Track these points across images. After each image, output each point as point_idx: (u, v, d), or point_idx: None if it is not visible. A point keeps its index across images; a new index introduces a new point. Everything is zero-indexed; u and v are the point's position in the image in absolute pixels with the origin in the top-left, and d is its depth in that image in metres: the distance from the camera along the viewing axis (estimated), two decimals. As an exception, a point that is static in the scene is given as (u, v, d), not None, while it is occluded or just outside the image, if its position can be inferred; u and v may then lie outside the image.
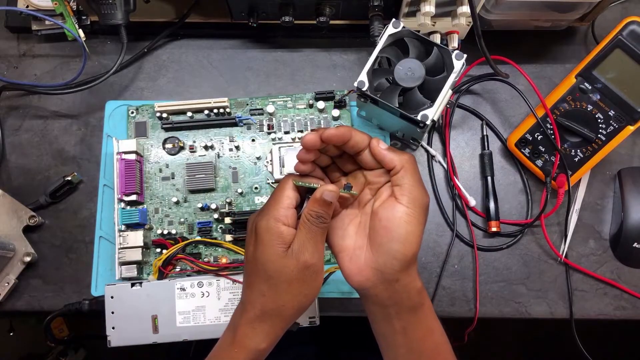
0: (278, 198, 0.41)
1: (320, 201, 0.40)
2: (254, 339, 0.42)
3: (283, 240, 0.40)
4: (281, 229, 0.40)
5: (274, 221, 0.40)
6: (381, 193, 0.43)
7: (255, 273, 0.41)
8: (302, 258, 0.40)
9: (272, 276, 0.40)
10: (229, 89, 0.65)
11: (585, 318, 0.60)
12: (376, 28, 0.58)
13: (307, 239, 0.40)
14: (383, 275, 0.40)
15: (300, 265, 0.40)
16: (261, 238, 0.40)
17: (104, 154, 0.62)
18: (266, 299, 0.41)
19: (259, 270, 0.41)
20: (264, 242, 0.40)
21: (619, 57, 0.56)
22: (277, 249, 0.40)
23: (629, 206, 0.60)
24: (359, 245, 0.42)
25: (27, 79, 0.65)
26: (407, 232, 0.40)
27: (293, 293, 0.41)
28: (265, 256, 0.40)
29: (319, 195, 0.40)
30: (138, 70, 0.66)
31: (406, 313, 0.42)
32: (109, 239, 0.59)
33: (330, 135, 0.40)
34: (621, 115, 0.57)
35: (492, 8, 0.58)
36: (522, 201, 0.62)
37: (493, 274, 0.61)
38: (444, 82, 0.52)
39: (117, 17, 0.58)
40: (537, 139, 0.60)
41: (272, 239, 0.40)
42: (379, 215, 0.41)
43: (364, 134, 0.42)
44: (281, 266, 0.40)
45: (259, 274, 0.41)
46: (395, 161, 0.41)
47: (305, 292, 0.41)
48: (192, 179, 0.59)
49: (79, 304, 0.57)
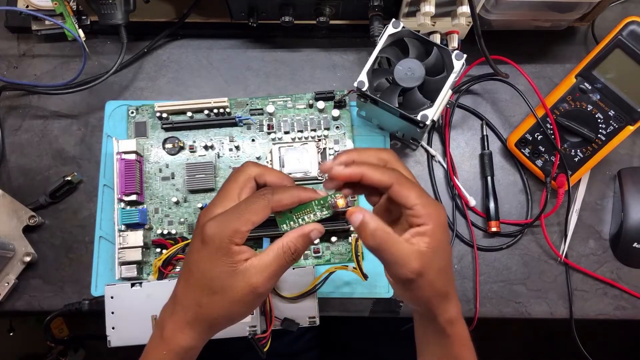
0: (241, 218, 0.38)
1: (307, 238, 0.39)
2: (181, 339, 0.40)
3: (232, 259, 0.38)
4: (233, 249, 0.38)
5: (226, 242, 0.37)
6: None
7: (196, 281, 0.39)
8: (254, 282, 0.38)
9: (215, 292, 0.38)
10: (229, 89, 0.65)
11: (585, 318, 0.60)
12: (376, 28, 0.58)
13: (270, 267, 0.38)
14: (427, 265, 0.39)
15: (249, 288, 0.38)
16: (209, 250, 0.38)
17: (104, 154, 0.62)
18: (202, 310, 0.39)
19: (202, 281, 0.39)
20: (212, 256, 0.38)
21: (619, 57, 0.56)
22: (226, 266, 0.38)
23: (629, 206, 0.60)
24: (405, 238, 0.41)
25: (27, 79, 0.65)
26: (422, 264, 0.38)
27: (231, 311, 0.39)
28: (211, 271, 0.38)
29: (307, 232, 0.39)
30: (138, 70, 0.66)
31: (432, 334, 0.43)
32: (109, 239, 0.59)
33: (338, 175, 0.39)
34: (621, 115, 0.57)
35: (492, 8, 0.58)
36: (522, 201, 0.62)
37: (493, 274, 0.61)
38: (443, 82, 0.52)
39: (117, 17, 0.58)
40: (537, 139, 0.60)
41: (221, 256, 0.38)
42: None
43: (384, 173, 0.39)
44: (227, 285, 0.38)
45: (200, 284, 0.39)
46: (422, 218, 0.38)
47: (242, 312, 0.40)
48: (192, 179, 0.59)
49: (79, 304, 0.57)
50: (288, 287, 0.55)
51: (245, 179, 0.41)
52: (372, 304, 0.59)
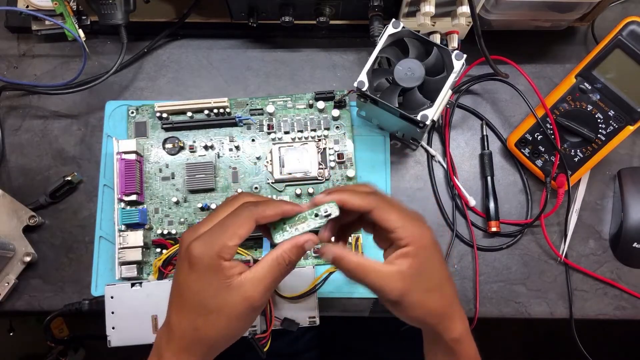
0: (227, 233, 0.37)
1: (301, 249, 0.39)
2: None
3: (225, 275, 0.37)
4: (223, 264, 0.37)
5: (215, 259, 0.36)
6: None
7: (189, 304, 0.38)
8: (250, 295, 0.37)
9: (210, 311, 0.37)
10: (229, 89, 0.65)
11: (585, 318, 0.60)
12: (376, 28, 0.58)
13: (265, 279, 0.38)
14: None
15: (246, 303, 0.37)
16: (198, 270, 0.37)
17: (104, 154, 0.62)
18: (199, 332, 0.38)
19: (195, 303, 0.37)
20: (202, 276, 0.37)
21: (619, 57, 0.56)
22: (218, 283, 0.37)
23: (629, 206, 0.60)
24: None
25: (27, 79, 0.65)
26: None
27: (230, 329, 0.38)
28: (204, 290, 0.37)
29: (302, 243, 0.39)
30: (138, 70, 0.66)
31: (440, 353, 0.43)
32: (109, 239, 0.59)
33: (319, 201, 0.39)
34: (621, 115, 0.57)
35: (492, 8, 0.58)
36: (522, 201, 0.62)
37: (493, 274, 0.61)
38: (443, 82, 0.52)
39: (117, 17, 0.58)
40: (537, 139, 0.60)
41: (212, 274, 0.37)
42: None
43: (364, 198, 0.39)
44: (223, 302, 0.37)
45: (193, 306, 0.38)
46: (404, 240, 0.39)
47: (241, 328, 0.39)
48: (192, 179, 0.59)
49: (79, 304, 0.57)
50: (288, 287, 0.55)
51: (239, 204, 0.40)
52: (372, 304, 0.59)
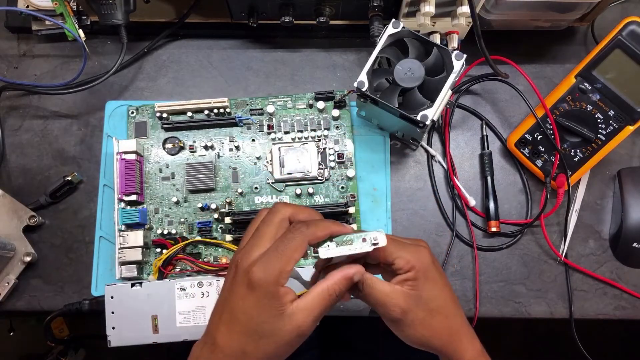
0: (285, 257, 0.38)
1: (351, 280, 0.39)
2: None
3: (280, 302, 0.37)
4: (280, 292, 0.37)
5: (274, 285, 0.37)
6: None
7: (243, 328, 0.38)
8: (301, 324, 0.38)
9: (262, 336, 0.38)
10: (229, 89, 0.65)
11: (585, 318, 0.60)
12: (376, 28, 0.58)
13: (316, 310, 0.38)
14: None
15: (296, 331, 0.38)
16: (256, 295, 0.37)
17: (104, 154, 0.62)
18: (247, 356, 0.38)
19: (249, 327, 0.38)
20: (260, 301, 0.37)
21: (619, 57, 0.56)
22: (274, 310, 0.37)
23: (629, 206, 0.60)
24: None
25: (27, 79, 0.65)
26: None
27: (276, 355, 0.38)
28: (260, 315, 0.38)
29: (352, 274, 0.39)
30: (138, 71, 0.66)
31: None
32: (109, 239, 0.59)
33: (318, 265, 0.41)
34: (621, 115, 0.57)
35: (492, 8, 0.58)
36: (521, 201, 0.62)
37: (493, 273, 0.61)
38: (443, 82, 0.52)
39: (117, 17, 0.58)
40: (536, 139, 0.60)
41: (269, 300, 0.37)
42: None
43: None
44: (276, 329, 0.37)
45: (247, 330, 0.38)
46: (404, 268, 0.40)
47: (285, 354, 0.39)
48: (192, 179, 0.59)
49: (79, 304, 0.57)
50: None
51: (280, 219, 0.40)
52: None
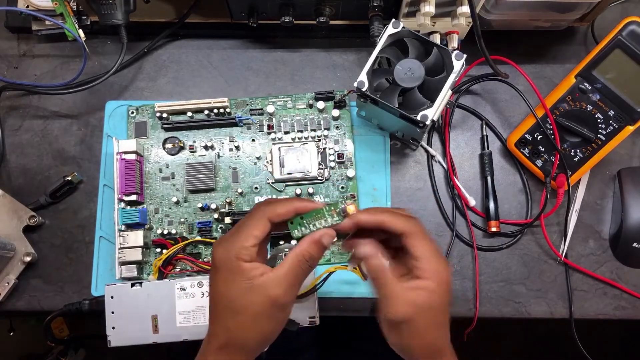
0: (243, 235, 0.40)
1: (319, 244, 0.39)
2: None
3: (246, 276, 0.39)
4: (243, 266, 0.39)
5: (234, 260, 0.39)
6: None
7: (219, 307, 0.40)
8: (272, 293, 0.39)
9: (237, 312, 0.39)
10: (229, 89, 0.65)
11: (585, 318, 0.60)
12: (376, 28, 0.58)
13: (287, 277, 0.39)
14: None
15: (269, 301, 0.39)
16: (222, 273, 0.40)
17: (104, 154, 0.62)
18: (230, 333, 0.40)
19: (223, 305, 0.40)
20: (225, 277, 0.39)
21: (619, 57, 0.56)
22: (241, 284, 0.39)
23: (629, 206, 0.60)
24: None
25: (27, 79, 0.65)
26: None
27: (258, 329, 0.40)
28: (227, 291, 0.39)
29: (318, 238, 0.39)
30: (138, 70, 0.66)
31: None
32: (109, 239, 0.59)
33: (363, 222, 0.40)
34: (621, 115, 0.57)
35: (492, 8, 0.58)
36: (521, 201, 0.62)
37: (493, 273, 0.61)
38: (443, 82, 0.52)
39: (117, 17, 0.58)
40: (536, 139, 0.60)
41: (234, 276, 0.39)
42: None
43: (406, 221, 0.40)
44: (247, 302, 0.39)
45: (222, 308, 0.40)
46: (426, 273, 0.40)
47: (270, 329, 0.40)
48: (192, 179, 0.59)
49: (79, 304, 0.57)
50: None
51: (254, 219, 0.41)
52: (372, 304, 0.59)
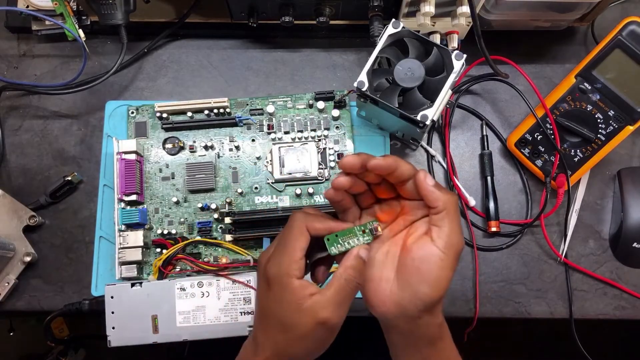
0: (289, 249, 0.40)
1: (359, 259, 0.40)
2: None
3: (297, 296, 0.39)
4: (294, 284, 0.39)
5: (286, 277, 0.39)
6: (416, 228, 0.41)
7: (270, 321, 0.41)
8: (322, 315, 0.39)
9: (287, 329, 0.40)
10: (229, 89, 0.65)
11: (585, 318, 0.60)
12: (376, 28, 0.58)
13: (334, 297, 0.39)
14: (406, 311, 0.39)
15: (317, 322, 0.39)
16: (274, 290, 0.40)
17: (104, 154, 0.62)
18: (279, 347, 0.41)
19: (273, 320, 0.41)
20: (278, 296, 0.40)
21: (619, 57, 0.56)
22: (292, 304, 0.39)
23: (629, 206, 0.60)
24: (386, 277, 0.41)
25: (27, 79, 0.65)
26: (438, 277, 0.38)
27: (305, 346, 0.40)
28: (279, 309, 0.40)
29: (356, 253, 0.40)
30: (138, 71, 0.66)
31: (425, 346, 0.42)
32: (109, 239, 0.59)
33: (376, 166, 0.38)
34: (621, 115, 0.57)
35: (492, 8, 0.58)
36: (521, 201, 0.62)
37: (493, 273, 0.61)
38: (443, 82, 0.52)
39: (117, 17, 0.58)
40: (536, 139, 0.60)
41: (286, 294, 0.39)
42: (412, 253, 0.39)
43: (410, 165, 0.39)
44: (296, 321, 0.39)
45: (272, 323, 0.41)
46: (439, 201, 0.38)
47: (317, 348, 0.41)
48: (192, 179, 0.59)
49: (79, 304, 0.57)
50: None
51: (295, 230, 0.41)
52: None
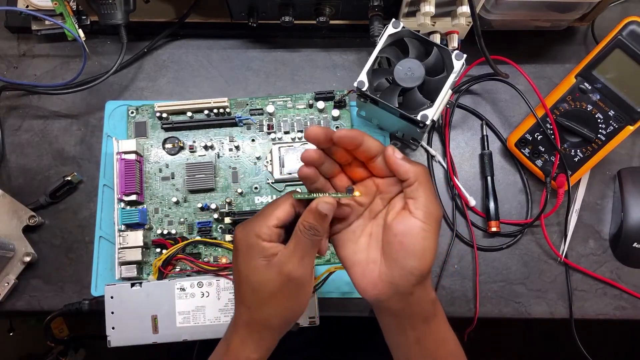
0: (266, 215, 0.41)
1: (314, 212, 0.39)
2: (244, 350, 0.42)
3: (264, 254, 0.40)
4: (261, 244, 0.40)
5: (254, 237, 0.40)
6: (394, 204, 0.41)
7: (240, 285, 0.41)
8: (285, 269, 0.39)
9: (255, 289, 0.40)
10: (229, 89, 0.65)
11: (585, 318, 0.60)
12: (376, 28, 0.58)
13: (294, 250, 0.39)
14: (398, 289, 0.39)
15: (283, 277, 0.39)
16: (241, 251, 0.41)
17: (104, 154, 0.62)
18: (252, 311, 0.41)
19: (243, 282, 0.41)
20: (244, 255, 0.40)
21: (619, 57, 0.56)
22: (258, 261, 0.40)
23: (629, 206, 0.60)
24: (372, 258, 0.41)
25: (27, 79, 0.65)
26: (423, 248, 0.38)
27: (277, 306, 0.40)
28: (247, 269, 0.40)
29: (314, 206, 0.39)
30: (138, 70, 0.66)
31: (420, 324, 0.42)
32: (109, 239, 0.59)
33: (342, 137, 0.38)
34: (621, 115, 0.57)
35: (492, 8, 0.58)
36: (522, 201, 0.62)
37: (493, 274, 0.61)
38: (443, 82, 0.52)
39: (117, 17, 0.58)
40: (537, 139, 0.60)
41: (252, 252, 0.40)
42: (394, 229, 0.39)
43: (377, 141, 0.40)
44: (264, 279, 0.40)
45: (243, 286, 0.41)
46: (409, 173, 0.39)
47: (289, 306, 0.41)
48: (192, 179, 0.59)
49: (79, 304, 0.57)
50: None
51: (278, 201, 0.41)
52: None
